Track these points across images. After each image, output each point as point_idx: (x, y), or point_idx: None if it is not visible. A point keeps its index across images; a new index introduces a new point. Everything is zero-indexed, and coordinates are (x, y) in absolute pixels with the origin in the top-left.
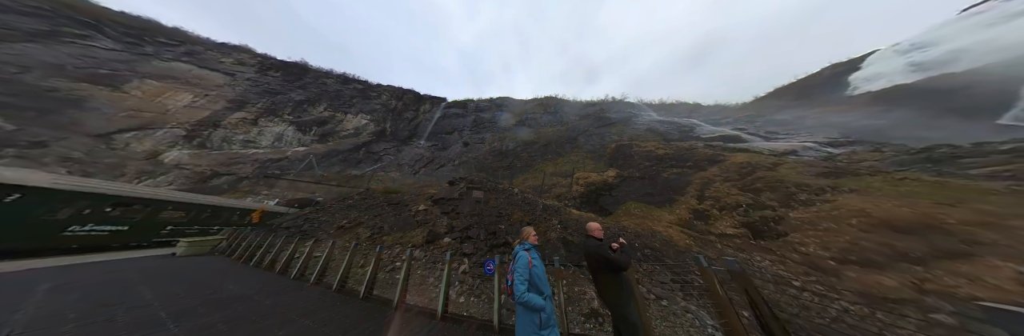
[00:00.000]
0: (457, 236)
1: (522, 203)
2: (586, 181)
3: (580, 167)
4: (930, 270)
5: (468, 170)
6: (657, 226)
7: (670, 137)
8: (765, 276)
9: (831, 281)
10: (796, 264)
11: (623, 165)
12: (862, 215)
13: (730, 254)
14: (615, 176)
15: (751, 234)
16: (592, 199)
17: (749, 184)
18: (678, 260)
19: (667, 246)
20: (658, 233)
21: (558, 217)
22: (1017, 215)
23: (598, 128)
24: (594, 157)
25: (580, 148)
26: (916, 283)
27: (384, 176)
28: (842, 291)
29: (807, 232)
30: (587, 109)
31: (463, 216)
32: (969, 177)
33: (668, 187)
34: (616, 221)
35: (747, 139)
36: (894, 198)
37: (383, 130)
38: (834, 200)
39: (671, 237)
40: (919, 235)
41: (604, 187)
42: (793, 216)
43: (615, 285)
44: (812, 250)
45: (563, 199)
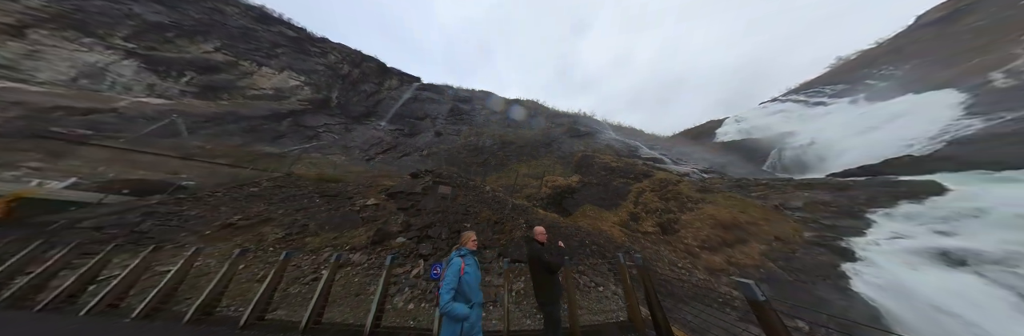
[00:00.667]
0: (414, 235)
1: (492, 201)
2: (553, 184)
3: (550, 171)
4: (733, 250)
5: (437, 162)
6: (604, 226)
7: (621, 153)
8: (664, 259)
9: (694, 261)
10: (681, 251)
11: (585, 172)
12: (711, 218)
13: (648, 246)
14: (578, 181)
15: (661, 231)
16: (557, 201)
17: (664, 195)
18: (613, 254)
19: (609, 242)
20: (604, 232)
21: (525, 216)
22: (763, 218)
23: (570, 138)
24: (563, 163)
25: (553, 153)
26: (728, 258)
27: (321, 159)
28: (699, 266)
29: (688, 229)
30: (562, 119)
31: (425, 213)
32: (750, 197)
33: (615, 194)
34: (574, 221)
35: (666, 162)
36: (725, 208)
37: (326, 100)
38: (701, 208)
39: (613, 235)
40: (731, 230)
41: (568, 190)
42: (683, 218)
43: (548, 285)
44: (689, 241)
45: (532, 199)
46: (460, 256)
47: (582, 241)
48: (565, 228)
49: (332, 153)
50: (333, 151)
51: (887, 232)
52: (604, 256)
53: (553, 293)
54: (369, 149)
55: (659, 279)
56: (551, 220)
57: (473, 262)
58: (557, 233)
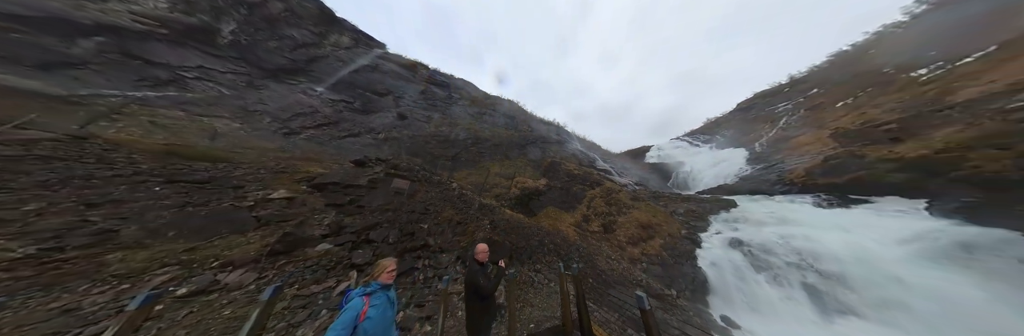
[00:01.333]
0: (347, 241)
1: (457, 200)
2: (523, 185)
3: (521, 172)
4: (646, 244)
5: (396, 150)
6: (562, 226)
7: (582, 163)
8: (603, 253)
9: (622, 252)
10: (615, 246)
11: (552, 177)
12: (636, 220)
13: (593, 243)
14: (545, 185)
15: (603, 230)
16: (524, 201)
17: (608, 201)
18: (568, 252)
19: (564, 241)
20: (561, 231)
21: (491, 217)
22: (664, 221)
23: (543, 143)
24: (534, 166)
25: (526, 156)
26: (642, 250)
27: (183, 122)
28: (624, 257)
29: (621, 229)
30: (539, 125)
31: (369, 212)
32: (658, 205)
33: (574, 198)
34: (537, 221)
35: (613, 174)
36: (645, 213)
37: (207, 30)
38: (631, 213)
39: (568, 234)
40: (647, 229)
41: (535, 193)
42: (619, 220)
43: (476, 313)
44: (620, 238)
45: (501, 199)
46: (365, 294)
47: (541, 240)
48: (528, 228)
49: (214, 115)
50: (216, 112)
51: (714, 229)
52: (559, 254)
53: (480, 324)
54: (291, 119)
55: (598, 270)
56: (516, 220)
57: (383, 301)
58: (523, 232)
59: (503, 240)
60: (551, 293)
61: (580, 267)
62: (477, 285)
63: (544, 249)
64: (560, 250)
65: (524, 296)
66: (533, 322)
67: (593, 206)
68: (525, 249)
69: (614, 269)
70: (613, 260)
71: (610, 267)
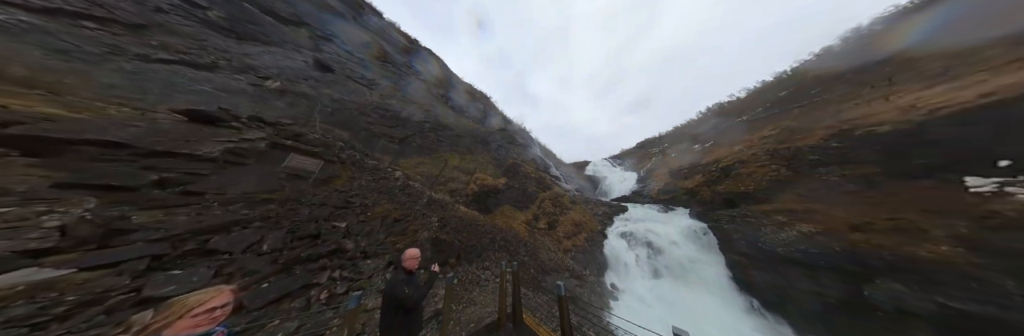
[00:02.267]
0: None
1: (399, 192)
2: (482, 182)
3: (483, 168)
4: (576, 238)
5: (303, 113)
6: (515, 224)
7: (539, 167)
8: (546, 246)
9: (559, 245)
10: (555, 240)
11: (512, 177)
12: (572, 220)
13: (539, 238)
14: (505, 184)
15: (548, 228)
16: (482, 199)
17: (555, 203)
18: (516, 248)
19: (515, 238)
20: (513, 229)
21: (441, 214)
22: (589, 220)
23: (508, 143)
24: (496, 164)
25: (490, 153)
26: (573, 243)
27: None
28: (561, 249)
29: (561, 226)
30: (508, 125)
31: (219, 202)
32: (587, 208)
33: (528, 198)
34: (492, 219)
35: (561, 180)
36: (578, 213)
37: None
38: (569, 213)
39: (519, 231)
40: (577, 226)
41: (494, 191)
42: (560, 219)
43: (398, 328)
44: (560, 234)
45: (457, 195)
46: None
47: (494, 238)
48: (482, 226)
49: None
50: None
51: (615, 226)
52: (508, 250)
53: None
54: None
55: (539, 261)
56: (471, 218)
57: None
58: (476, 230)
59: (452, 239)
60: (496, 289)
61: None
62: (398, 296)
63: (495, 246)
64: (510, 246)
65: (469, 296)
66: (474, 321)
67: (543, 206)
68: (476, 248)
69: (552, 259)
70: (552, 252)
71: (549, 258)
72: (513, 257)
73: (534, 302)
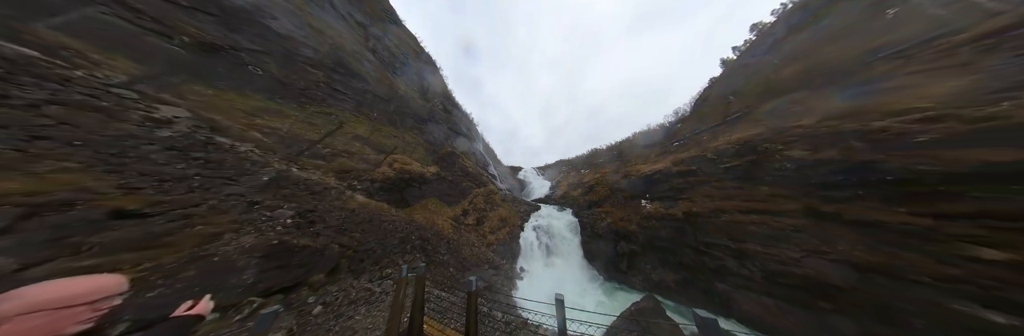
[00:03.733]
0: None
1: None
2: (403, 167)
3: (409, 150)
4: (500, 232)
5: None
6: (439, 220)
7: (479, 163)
8: (471, 242)
9: (483, 239)
10: (480, 235)
11: (446, 167)
12: (499, 216)
13: (465, 234)
14: (435, 173)
15: (477, 223)
16: (399, 187)
17: (487, 199)
18: (437, 246)
19: (437, 235)
20: (436, 225)
21: (308, 203)
22: (514, 215)
23: (449, 129)
24: (429, 149)
25: (425, 134)
26: (497, 237)
27: None
28: (485, 243)
29: (488, 222)
30: (454, 110)
31: None
32: (512, 206)
33: (460, 193)
34: (410, 214)
35: (496, 179)
36: (505, 210)
37: None
38: (498, 210)
39: (443, 228)
40: (503, 221)
41: (419, 180)
42: (489, 215)
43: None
44: (486, 229)
45: (355, 178)
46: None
47: (407, 237)
48: (394, 222)
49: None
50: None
51: (531, 220)
52: (425, 250)
53: None
54: None
55: (461, 257)
56: (372, 210)
57: None
58: (380, 228)
59: (324, 244)
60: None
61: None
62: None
63: (407, 248)
64: (428, 246)
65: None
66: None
67: (474, 202)
68: (374, 252)
69: (475, 255)
70: (476, 247)
71: (472, 253)
72: (429, 257)
73: (448, 303)
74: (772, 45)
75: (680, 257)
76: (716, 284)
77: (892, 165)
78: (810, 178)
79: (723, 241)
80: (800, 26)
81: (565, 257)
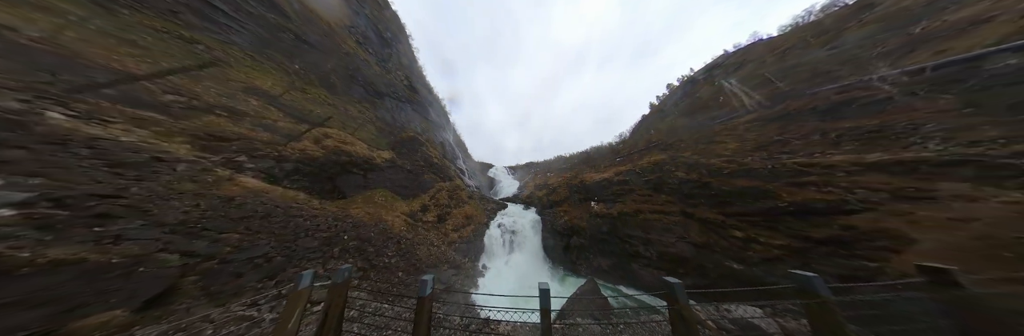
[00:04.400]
0: None
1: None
2: (339, 146)
3: (352, 126)
4: (464, 229)
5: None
6: (388, 216)
7: (446, 155)
8: (428, 241)
9: (445, 238)
10: (441, 233)
11: (404, 155)
12: (464, 213)
13: (422, 233)
14: (388, 159)
15: (437, 220)
16: (329, 173)
17: (452, 195)
18: (382, 247)
19: (382, 234)
20: (384, 222)
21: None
22: (480, 213)
23: (414, 111)
24: (384, 130)
25: (376, 108)
26: (460, 235)
27: None
28: (446, 242)
29: (451, 219)
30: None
31: None
32: (481, 203)
33: (421, 186)
34: (345, 207)
35: (464, 175)
36: (471, 207)
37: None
38: (463, 207)
39: (393, 225)
40: (468, 219)
41: (365, 165)
42: (453, 212)
43: None
44: (448, 226)
45: (244, 152)
46: None
47: (336, 236)
48: (314, 217)
49: None
50: None
51: (497, 218)
52: (363, 253)
53: None
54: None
55: (414, 260)
56: (274, 200)
57: None
58: (288, 225)
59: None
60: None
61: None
62: None
63: (334, 251)
64: (368, 246)
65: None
66: None
67: (437, 198)
68: (268, 261)
69: (432, 255)
70: (435, 246)
71: (429, 254)
72: (370, 261)
73: (387, 317)
74: (672, 102)
75: (612, 246)
76: (631, 264)
77: (715, 185)
78: (683, 191)
79: (638, 233)
80: (686, 94)
81: (526, 253)
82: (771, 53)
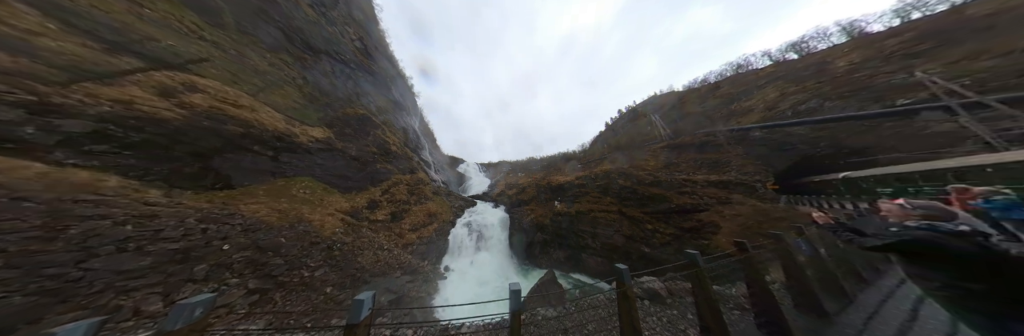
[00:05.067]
0: None
1: None
2: (218, 109)
3: (241, 79)
4: (424, 229)
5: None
6: (315, 214)
7: (409, 144)
8: (374, 244)
9: (399, 240)
10: (395, 234)
11: (350, 136)
12: (427, 210)
13: (367, 235)
14: (321, 139)
15: (391, 218)
16: (198, 148)
17: (413, 190)
18: (301, 256)
19: (298, 240)
20: (305, 222)
21: None
22: (446, 210)
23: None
24: (315, 99)
25: (307, 67)
26: (419, 235)
27: None
28: (400, 244)
29: (410, 217)
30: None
31: None
32: (447, 200)
33: (370, 177)
34: (228, 203)
35: (431, 168)
36: (436, 204)
37: None
38: (426, 204)
39: (320, 226)
40: (431, 217)
41: (276, 143)
42: (413, 209)
43: None
44: (405, 226)
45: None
46: None
47: (198, 249)
48: (138, 219)
49: None
50: None
51: (465, 216)
52: (264, 267)
53: None
54: None
55: (353, 268)
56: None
57: None
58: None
59: None
60: None
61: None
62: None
63: (192, 271)
64: (272, 259)
65: None
66: None
67: (392, 192)
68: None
69: (381, 260)
70: (385, 249)
71: (376, 260)
72: (276, 278)
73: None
74: (620, 124)
75: (568, 240)
76: (582, 255)
77: (640, 191)
78: (622, 194)
79: (588, 228)
80: (629, 120)
81: (493, 251)
82: (678, 101)
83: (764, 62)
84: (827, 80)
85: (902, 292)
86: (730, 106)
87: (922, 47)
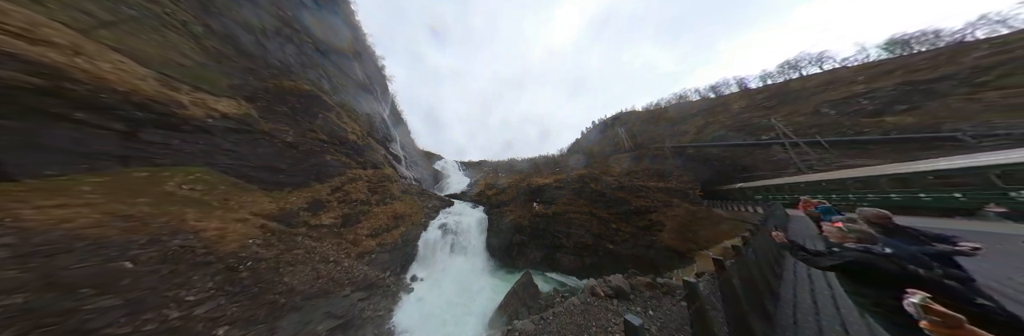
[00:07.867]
0: None
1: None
2: (41, 54)
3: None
4: (388, 234)
5: None
6: (209, 221)
7: (375, 134)
8: (315, 257)
9: (351, 249)
10: (347, 242)
11: (284, 116)
12: (393, 211)
13: (306, 243)
14: (234, 116)
15: (342, 223)
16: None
17: (375, 187)
18: (167, 281)
19: (170, 260)
20: (185, 233)
21: None
22: (417, 211)
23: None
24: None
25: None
26: (380, 241)
27: None
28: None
29: (370, 220)
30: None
31: None
32: (422, 200)
33: (317, 171)
34: (16, 198)
35: (401, 163)
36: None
37: None
38: (392, 204)
39: (222, 237)
40: (397, 219)
41: (146, 116)
42: (373, 210)
43: None
44: (361, 231)
45: None
46: None
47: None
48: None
49: None
50: None
51: (440, 218)
52: (60, 321)
53: None
54: None
55: (285, 288)
56: None
57: None
58: None
59: None
60: None
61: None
62: None
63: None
64: (87, 303)
65: None
66: None
67: (347, 190)
68: None
69: (322, 277)
70: (331, 263)
71: (317, 275)
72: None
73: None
74: (594, 133)
75: (545, 240)
76: (557, 254)
77: (607, 194)
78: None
79: (564, 229)
80: (601, 130)
81: (469, 254)
82: (639, 119)
83: (696, 96)
84: (729, 117)
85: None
86: (674, 127)
87: (771, 103)
